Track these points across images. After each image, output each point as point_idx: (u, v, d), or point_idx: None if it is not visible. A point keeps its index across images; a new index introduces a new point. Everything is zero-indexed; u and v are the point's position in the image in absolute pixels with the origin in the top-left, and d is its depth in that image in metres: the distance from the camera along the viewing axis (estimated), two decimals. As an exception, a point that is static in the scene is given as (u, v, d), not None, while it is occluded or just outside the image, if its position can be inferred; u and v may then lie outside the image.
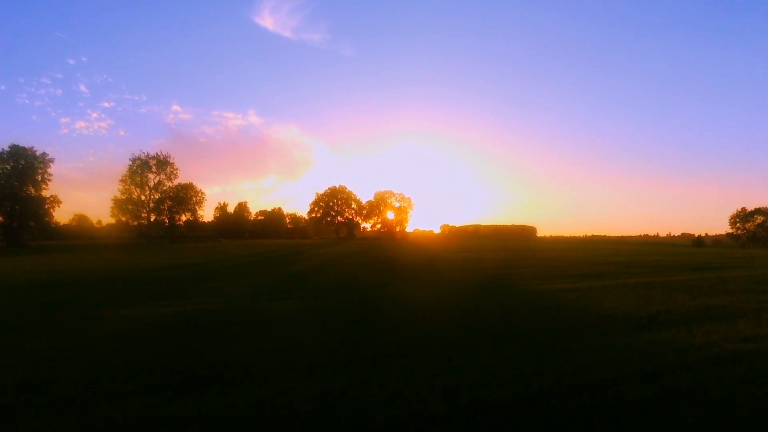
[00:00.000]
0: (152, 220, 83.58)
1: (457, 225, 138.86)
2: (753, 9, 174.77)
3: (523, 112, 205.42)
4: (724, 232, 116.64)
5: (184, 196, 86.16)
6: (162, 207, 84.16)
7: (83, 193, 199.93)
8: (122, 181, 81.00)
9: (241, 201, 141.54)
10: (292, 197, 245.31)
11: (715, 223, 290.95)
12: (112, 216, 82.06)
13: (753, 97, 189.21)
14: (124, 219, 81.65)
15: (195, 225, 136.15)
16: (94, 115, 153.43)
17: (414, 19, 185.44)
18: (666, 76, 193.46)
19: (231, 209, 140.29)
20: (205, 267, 24.29)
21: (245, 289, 14.06)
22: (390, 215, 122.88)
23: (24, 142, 67.25)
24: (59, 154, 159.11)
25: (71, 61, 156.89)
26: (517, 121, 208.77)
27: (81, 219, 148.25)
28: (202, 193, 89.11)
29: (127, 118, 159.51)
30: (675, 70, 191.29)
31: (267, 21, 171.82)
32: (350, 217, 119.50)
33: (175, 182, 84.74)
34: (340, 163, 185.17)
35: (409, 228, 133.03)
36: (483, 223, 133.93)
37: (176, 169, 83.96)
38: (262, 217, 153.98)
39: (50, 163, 68.06)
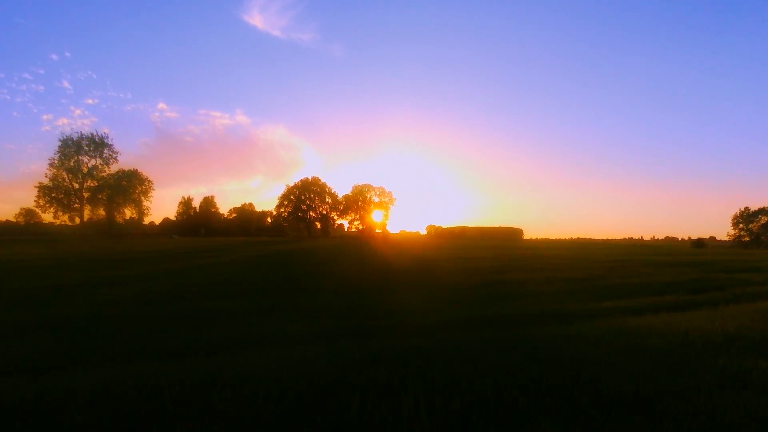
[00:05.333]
0: (85, 212, 71.21)
1: (444, 226, 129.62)
2: (748, 11, 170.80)
3: (510, 115, 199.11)
4: (707, 236, 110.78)
5: (127, 185, 73.86)
6: (99, 197, 71.81)
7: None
8: (52, 165, 68.58)
9: (207, 196, 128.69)
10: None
11: (696, 227, 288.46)
12: (36, 206, 69.61)
13: (734, 103, 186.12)
14: (52, 210, 69.14)
15: (168, 221, 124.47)
16: (78, 112, 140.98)
17: (404, 21, 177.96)
18: (650, 81, 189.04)
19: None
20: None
21: None
22: (373, 213, 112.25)
23: (4, 139, 54.99)
24: (41, 151, 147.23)
25: (54, 57, 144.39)
26: (504, 125, 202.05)
27: (29, 214, 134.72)
28: (149, 181, 76.44)
29: (112, 116, 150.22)
30: (659, 75, 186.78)
31: (256, 19, 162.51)
32: (325, 212, 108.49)
33: (114, 167, 72.55)
34: (327, 164, 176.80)
35: (395, 228, 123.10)
36: (469, 225, 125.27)
37: (116, 153, 71.62)
38: (235, 215, 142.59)
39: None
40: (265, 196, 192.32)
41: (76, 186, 70.42)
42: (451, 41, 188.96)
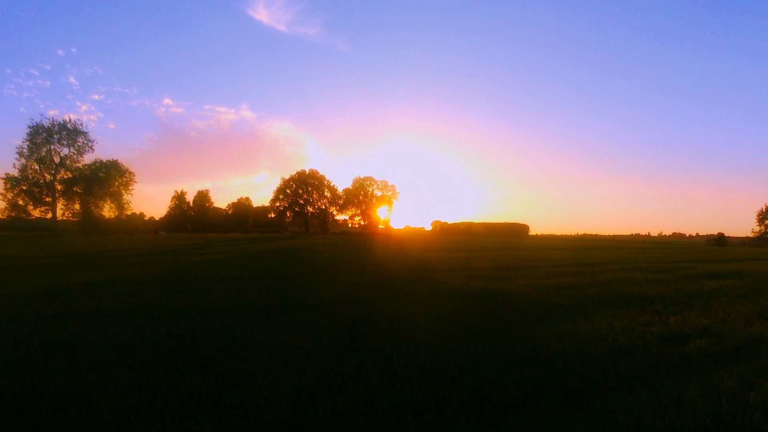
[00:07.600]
0: (58, 206, 65.51)
1: (449, 222, 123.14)
2: (751, 9, 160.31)
3: (515, 110, 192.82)
4: (716, 232, 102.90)
5: (105, 177, 67.94)
6: (75, 189, 66.04)
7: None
8: (20, 155, 62.89)
9: (201, 190, 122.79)
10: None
11: (699, 223, 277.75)
12: (3, 200, 64.14)
13: (738, 98, 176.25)
14: (21, 203, 63.69)
15: (176, 216, 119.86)
16: (84, 107, 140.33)
17: (409, 15, 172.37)
18: (657, 77, 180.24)
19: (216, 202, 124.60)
20: None
21: None
22: (375, 208, 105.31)
23: (10, 134, 49.90)
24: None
25: (60, 52, 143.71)
26: (509, 120, 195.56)
27: (16, 208, 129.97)
28: (131, 173, 69.93)
29: (117, 112, 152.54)
30: (665, 71, 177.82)
31: (261, 14, 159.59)
32: (323, 206, 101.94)
33: (88, 157, 66.57)
34: (333, 159, 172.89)
35: (399, 224, 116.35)
36: (475, 221, 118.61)
37: (91, 142, 65.71)
38: (231, 210, 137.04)
39: None
40: (269, 192, 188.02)
41: (48, 177, 64.81)
42: (457, 36, 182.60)
